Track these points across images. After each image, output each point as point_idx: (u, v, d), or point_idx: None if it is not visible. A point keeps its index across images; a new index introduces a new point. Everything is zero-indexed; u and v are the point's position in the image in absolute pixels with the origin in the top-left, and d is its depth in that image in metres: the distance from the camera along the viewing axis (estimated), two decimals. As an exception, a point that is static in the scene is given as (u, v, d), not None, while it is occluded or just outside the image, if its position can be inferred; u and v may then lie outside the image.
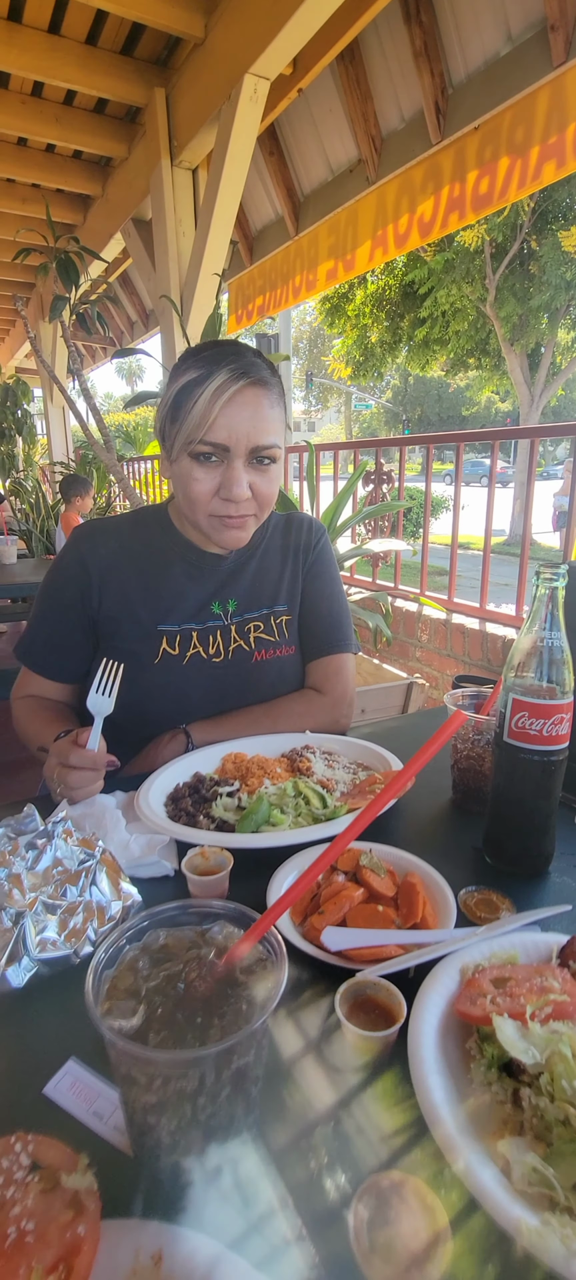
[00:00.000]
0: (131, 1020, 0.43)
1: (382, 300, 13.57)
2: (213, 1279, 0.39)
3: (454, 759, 1.04)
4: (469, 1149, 0.47)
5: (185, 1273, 0.40)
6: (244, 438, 1.05)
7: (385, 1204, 0.42)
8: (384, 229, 3.39)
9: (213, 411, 1.02)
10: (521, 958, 0.67)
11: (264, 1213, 0.43)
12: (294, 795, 0.97)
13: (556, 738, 0.81)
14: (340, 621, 1.31)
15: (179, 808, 0.95)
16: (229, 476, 1.07)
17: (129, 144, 4.20)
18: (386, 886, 0.76)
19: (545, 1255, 0.40)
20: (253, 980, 0.46)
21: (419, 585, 3.41)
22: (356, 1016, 0.59)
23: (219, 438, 1.04)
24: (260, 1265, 0.40)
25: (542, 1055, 0.53)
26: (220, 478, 1.07)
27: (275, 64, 2.78)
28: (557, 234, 11.00)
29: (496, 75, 2.74)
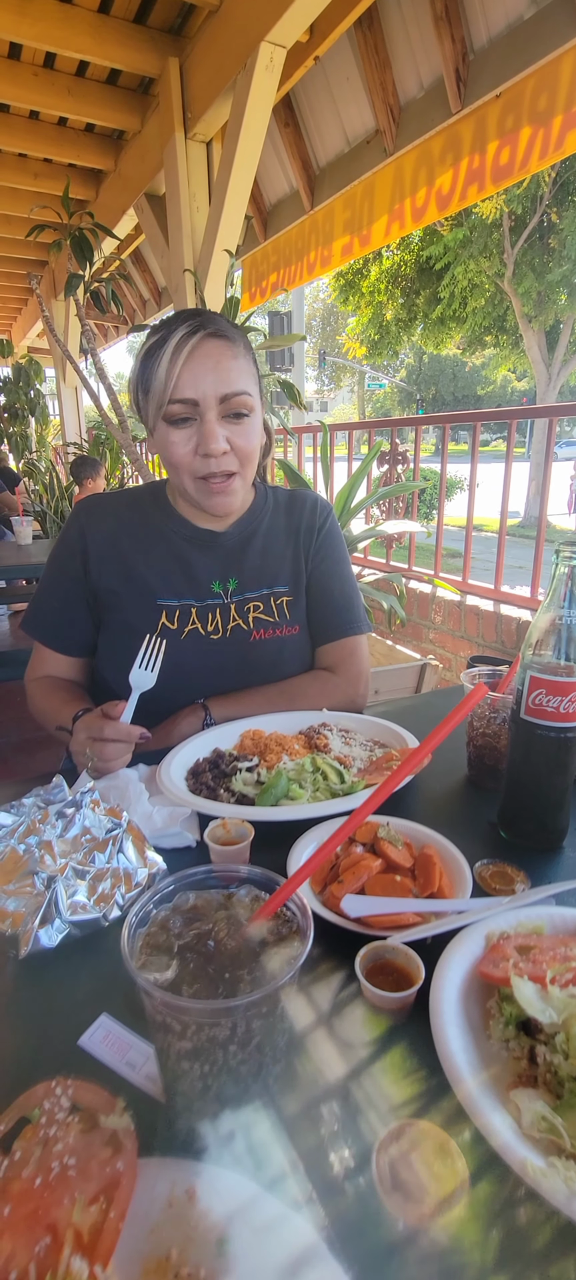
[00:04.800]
0: (166, 973, 0.45)
1: (398, 277, 13.35)
2: (244, 1215, 0.42)
3: (469, 736, 1.06)
4: (483, 1096, 0.49)
5: (217, 1207, 0.42)
6: (211, 388, 1.06)
7: (406, 1147, 0.44)
8: (401, 203, 3.34)
9: (176, 369, 1.04)
10: (548, 929, 0.68)
11: (292, 1155, 0.45)
12: (312, 771, 0.99)
13: (573, 714, 0.82)
14: (352, 603, 1.32)
15: (199, 781, 0.97)
16: (204, 432, 1.07)
17: (142, 116, 4.14)
18: (404, 858, 0.78)
19: (548, 1194, 0.42)
20: (279, 940, 0.48)
21: (433, 567, 3.39)
22: (375, 979, 0.61)
23: (186, 393, 1.05)
24: (289, 1204, 0.42)
25: (560, 1016, 0.54)
26: (196, 437, 1.08)
27: (292, 31, 2.73)
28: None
29: (519, 40, 2.66)
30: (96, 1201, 0.42)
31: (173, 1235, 0.42)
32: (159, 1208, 0.43)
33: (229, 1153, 0.45)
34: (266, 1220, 0.42)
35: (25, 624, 1.26)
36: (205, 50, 3.25)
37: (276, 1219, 0.42)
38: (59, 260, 6.20)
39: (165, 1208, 0.43)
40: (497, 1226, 0.43)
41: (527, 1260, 0.42)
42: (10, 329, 10.41)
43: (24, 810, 0.72)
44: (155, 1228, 0.42)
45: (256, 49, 2.74)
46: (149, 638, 1.04)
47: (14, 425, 8.49)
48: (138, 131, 4.26)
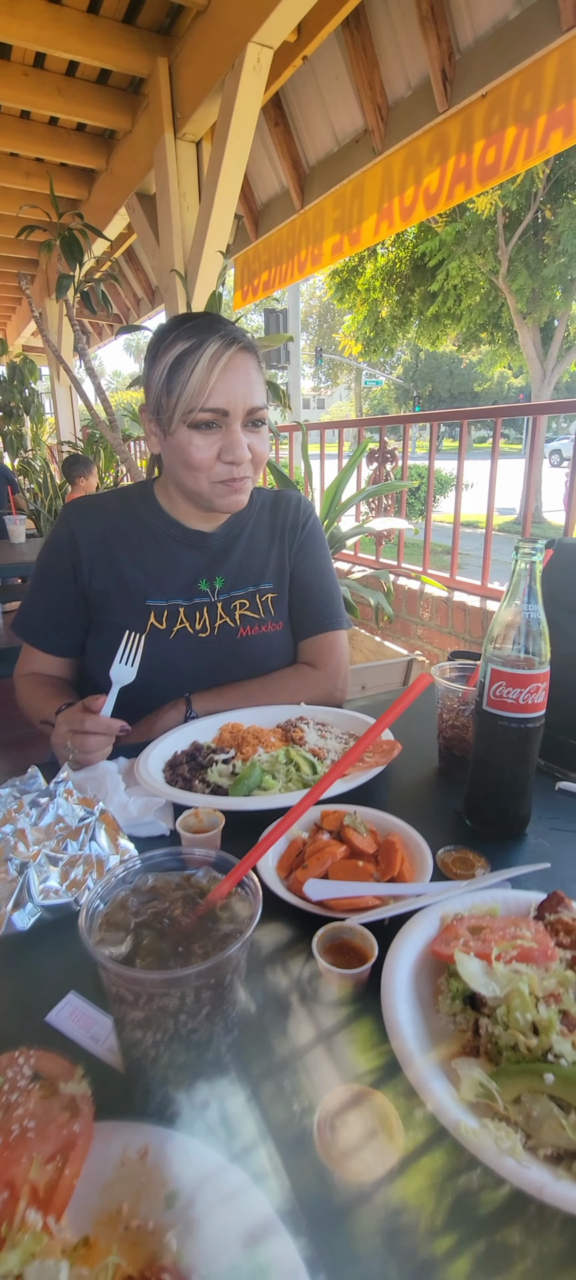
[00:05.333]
0: (120, 948, 0.48)
1: (393, 274, 13.36)
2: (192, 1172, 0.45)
3: (439, 729, 1.08)
4: (426, 1064, 0.52)
5: (167, 1165, 0.45)
6: (241, 401, 1.10)
7: (345, 1109, 0.47)
8: (389, 201, 3.36)
9: (211, 379, 1.07)
10: (501, 911, 0.71)
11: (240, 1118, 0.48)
12: (285, 762, 1.02)
13: (532, 705, 0.85)
14: (331, 598, 1.34)
15: (176, 773, 1.00)
16: (231, 440, 1.11)
17: (132, 116, 4.16)
18: (367, 844, 0.81)
19: (479, 1152, 0.45)
20: (231, 916, 0.51)
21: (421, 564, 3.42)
22: (333, 958, 0.63)
23: (218, 403, 1.09)
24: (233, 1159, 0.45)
25: (502, 991, 0.57)
26: (221, 442, 1.12)
27: (279, 31, 2.75)
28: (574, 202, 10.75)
29: (504, 40, 2.69)
30: (53, 1160, 0.45)
31: (124, 1191, 0.45)
32: (112, 1166, 0.46)
33: (180, 1116, 0.48)
34: (214, 1177, 0.45)
35: (15, 626, 1.29)
36: (193, 50, 3.27)
37: (222, 1174, 0.45)
38: (50, 260, 6.21)
39: (118, 1166, 0.46)
40: (442, 1191, 0.46)
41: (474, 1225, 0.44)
42: (4, 328, 10.40)
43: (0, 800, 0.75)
44: (108, 1184, 0.45)
45: (244, 49, 2.76)
46: (128, 634, 1.07)
47: (9, 424, 8.50)
48: (128, 131, 4.27)
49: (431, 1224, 0.44)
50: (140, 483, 1.36)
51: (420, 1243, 0.43)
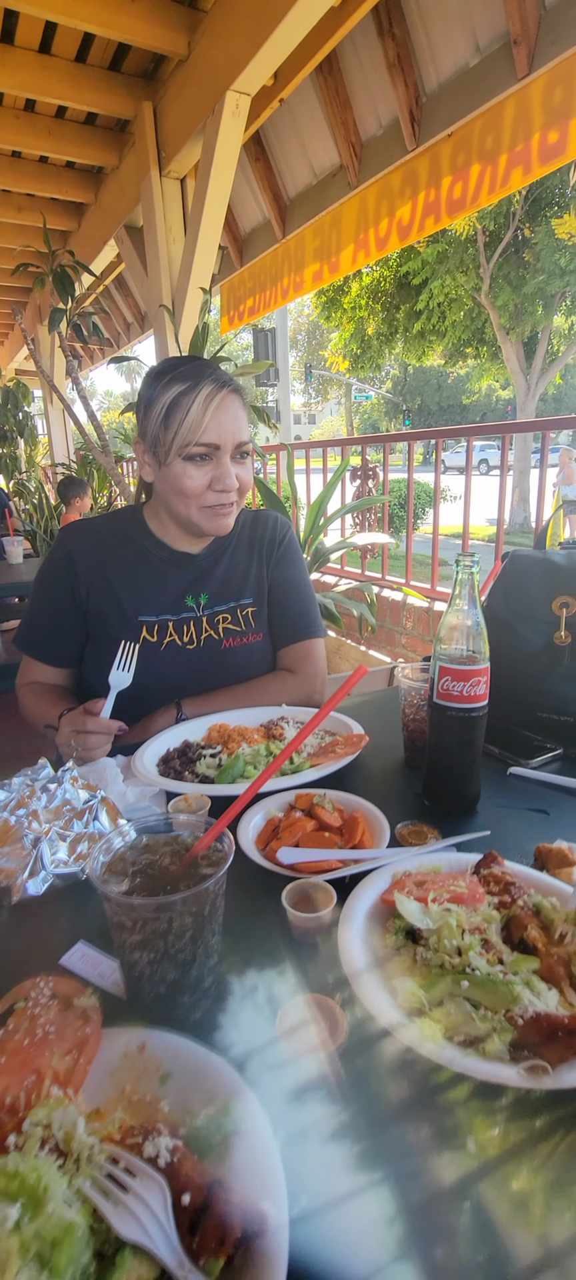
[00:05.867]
0: (120, 886, 0.60)
1: (378, 292, 13.65)
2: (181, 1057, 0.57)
3: (404, 723, 1.21)
4: (370, 981, 0.65)
5: (161, 1054, 0.57)
6: (230, 435, 1.25)
7: (301, 1008, 0.60)
8: (365, 232, 3.54)
9: (206, 417, 1.22)
10: (445, 869, 0.84)
11: (220, 1019, 0.61)
12: (266, 755, 1.14)
13: (475, 697, 0.98)
14: (308, 610, 1.47)
15: (168, 766, 1.13)
16: (222, 471, 1.26)
17: (119, 153, 4.34)
18: (334, 819, 0.94)
19: (405, 1040, 0.58)
20: (209, 864, 0.63)
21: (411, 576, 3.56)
22: (299, 908, 0.76)
23: (211, 438, 1.23)
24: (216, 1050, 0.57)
25: (435, 925, 0.70)
26: (212, 473, 1.26)
27: (255, 80, 2.92)
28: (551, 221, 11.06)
29: (466, 85, 2.87)
30: (70, 1053, 0.57)
31: (127, 1075, 0.57)
32: (117, 1058, 0.58)
33: (171, 1018, 0.60)
34: (198, 1061, 0.57)
35: (18, 641, 1.41)
36: (176, 96, 3.44)
37: (205, 1060, 0.57)
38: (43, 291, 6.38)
39: (122, 1058, 0.58)
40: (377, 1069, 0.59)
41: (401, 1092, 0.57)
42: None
43: (14, 788, 0.87)
44: (114, 1071, 0.57)
45: (223, 97, 2.93)
46: (124, 643, 1.20)
47: (3, 447, 8.64)
48: (116, 167, 4.45)
49: (370, 1091, 0.57)
50: (131, 507, 1.49)
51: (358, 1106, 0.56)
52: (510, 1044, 0.58)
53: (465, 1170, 0.51)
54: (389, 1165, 0.52)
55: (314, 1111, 0.55)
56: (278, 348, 15.23)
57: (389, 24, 2.96)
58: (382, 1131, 0.54)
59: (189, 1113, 0.53)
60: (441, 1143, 0.53)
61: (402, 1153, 0.53)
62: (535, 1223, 0.48)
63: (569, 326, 13.70)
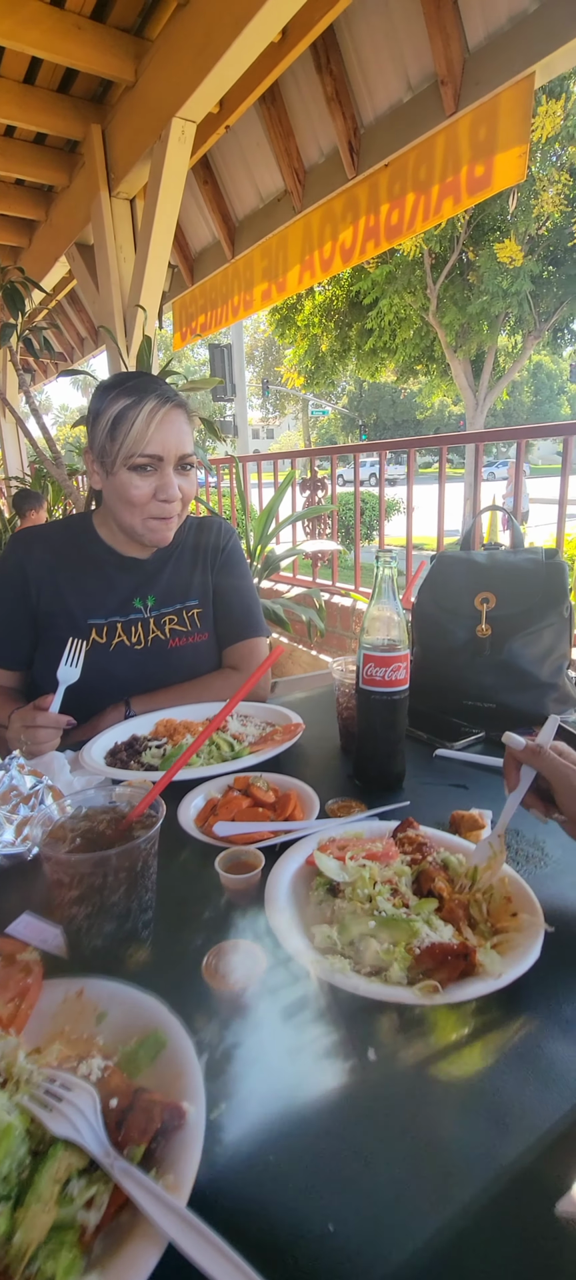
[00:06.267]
0: (60, 848, 0.66)
1: (331, 310, 13.97)
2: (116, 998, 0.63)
3: (338, 711, 1.30)
4: (291, 928, 0.73)
5: (97, 997, 0.64)
6: (173, 448, 1.32)
7: (226, 951, 0.67)
8: (311, 254, 3.68)
9: (149, 430, 1.28)
10: (366, 835, 0.93)
11: (154, 963, 0.67)
12: (208, 744, 1.21)
13: (396, 681, 1.07)
14: (251, 610, 1.56)
15: (115, 758, 1.18)
16: (164, 481, 1.32)
17: (69, 173, 4.38)
18: (268, 797, 1.01)
19: (320, 973, 0.66)
20: (143, 827, 0.70)
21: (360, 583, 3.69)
22: (233, 874, 0.83)
23: (155, 450, 1.30)
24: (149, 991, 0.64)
25: (351, 879, 0.79)
26: (156, 483, 1.33)
27: (201, 108, 3.03)
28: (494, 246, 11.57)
29: (400, 119, 3.05)
30: (12, 1001, 0.63)
31: (66, 1018, 0.63)
32: (57, 1004, 0.64)
33: (108, 967, 0.66)
34: (132, 1001, 0.63)
35: None
36: (124, 120, 3.52)
37: (138, 999, 0.63)
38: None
39: (61, 1003, 0.64)
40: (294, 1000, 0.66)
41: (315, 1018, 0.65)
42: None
43: (-39, 778, 0.91)
44: (54, 1014, 0.63)
45: (169, 123, 3.03)
46: (72, 640, 1.25)
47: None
48: (66, 186, 4.48)
49: (284, 1015, 0.64)
50: (80, 514, 1.55)
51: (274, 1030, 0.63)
52: (408, 970, 0.67)
53: (365, 1075, 0.59)
54: (299, 1074, 0.59)
55: (234, 1033, 0.62)
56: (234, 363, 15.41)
57: (327, 60, 3.12)
58: (294, 1047, 0.62)
59: (122, 1042, 0.59)
60: (345, 1053, 0.61)
61: (311, 1064, 0.60)
62: (425, 1110, 0.56)
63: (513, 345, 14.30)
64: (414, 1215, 0.48)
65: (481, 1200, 0.49)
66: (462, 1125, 0.55)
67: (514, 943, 0.70)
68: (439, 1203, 0.49)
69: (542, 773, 0.80)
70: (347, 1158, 0.52)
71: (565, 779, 0.77)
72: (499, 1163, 0.51)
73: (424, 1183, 0.50)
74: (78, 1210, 0.46)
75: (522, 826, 0.98)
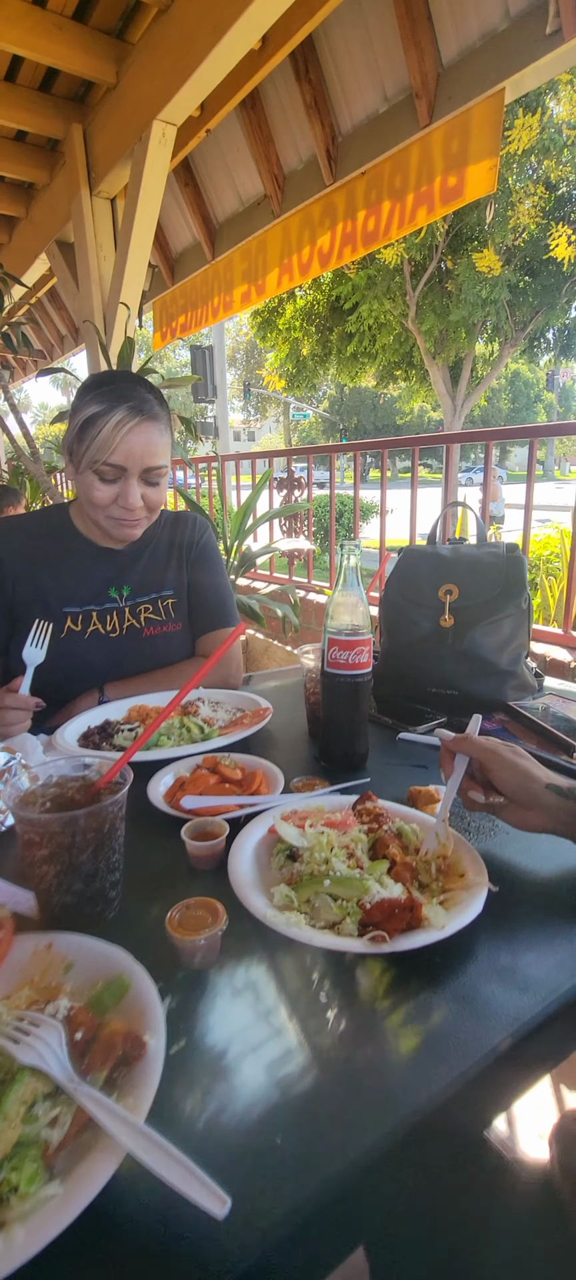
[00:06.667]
0: (32, 810, 0.70)
1: (312, 314, 14.08)
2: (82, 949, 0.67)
3: (306, 697, 1.35)
4: (251, 889, 0.77)
5: (65, 949, 0.67)
6: (138, 460, 1.33)
7: (188, 907, 0.71)
8: (289, 258, 3.74)
9: (114, 441, 1.30)
10: (327, 809, 0.97)
11: (118, 918, 0.71)
12: (179, 727, 1.25)
13: (358, 664, 1.12)
14: (224, 602, 1.60)
15: (88, 740, 1.21)
16: (125, 490, 1.34)
17: (50, 171, 4.38)
18: (235, 774, 1.06)
19: (276, 927, 0.70)
20: (111, 794, 0.74)
21: (332, 581, 3.75)
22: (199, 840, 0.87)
23: (118, 460, 1.32)
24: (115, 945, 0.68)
25: (309, 844, 0.83)
26: (118, 490, 1.35)
27: (181, 112, 3.07)
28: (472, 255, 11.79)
29: (377, 129, 3.13)
30: (-16, 953, 0.66)
31: (35, 969, 0.66)
32: (27, 956, 0.67)
33: (77, 924, 0.70)
34: (99, 951, 0.67)
35: None
36: (105, 120, 3.55)
37: (105, 950, 0.67)
38: (-29, 300, 6.26)
39: (31, 955, 0.68)
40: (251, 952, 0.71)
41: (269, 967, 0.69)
42: None
43: None
44: (24, 966, 0.67)
45: (150, 125, 3.06)
46: (37, 621, 1.28)
47: None
48: (47, 184, 4.49)
49: (242, 964, 0.69)
50: (56, 505, 1.57)
51: (232, 978, 0.67)
52: (359, 923, 0.72)
53: (314, 1015, 0.64)
54: (254, 1014, 0.64)
55: (195, 980, 0.67)
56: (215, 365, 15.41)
57: (305, 69, 3.18)
58: (250, 992, 0.66)
59: (88, 987, 0.63)
60: (297, 997, 0.66)
61: (266, 1007, 0.65)
62: (368, 1043, 0.61)
63: (490, 353, 14.56)
64: (354, 1128, 0.53)
65: (414, 1119, 0.54)
66: (402, 1055, 0.60)
67: (459, 899, 0.76)
68: (377, 1119, 0.54)
69: (473, 755, 0.88)
70: (295, 1081, 0.57)
71: (493, 754, 0.86)
72: (434, 1086, 0.56)
73: (364, 1103, 0.55)
74: (42, 1129, 0.50)
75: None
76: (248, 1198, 0.47)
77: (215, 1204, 0.45)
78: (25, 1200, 0.45)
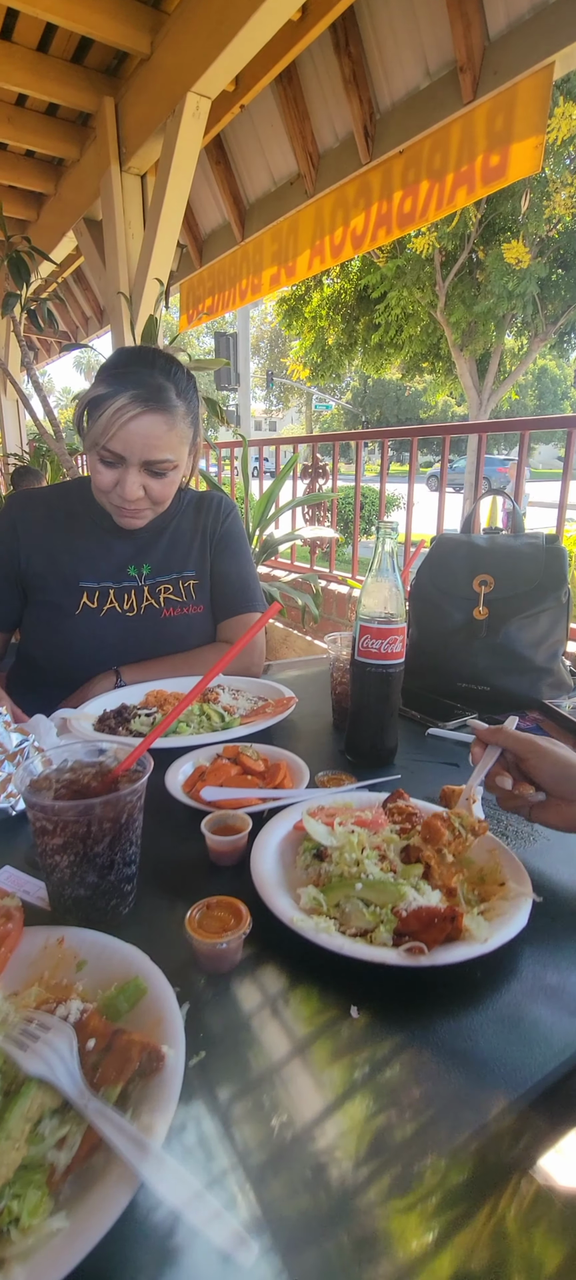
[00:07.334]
0: (44, 796, 0.65)
1: (338, 303, 13.90)
2: (95, 947, 0.62)
3: (332, 687, 1.29)
4: (276, 890, 0.72)
5: (77, 945, 0.63)
6: (138, 452, 1.26)
7: (208, 907, 0.66)
8: (321, 239, 3.65)
9: (112, 428, 1.23)
10: (355, 805, 0.91)
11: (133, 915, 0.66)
12: (198, 714, 1.20)
13: (391, 654, 1.06)
14: (247, 585, 1.54)
15: (104, 724, 1.17)
16: (123, 479, 1.28)
17: (80, 146, 4.34)
18: (257, 765, 1.00)
19: (303, 932, 0.65)
20: (129, 782, 0.69)
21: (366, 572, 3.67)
22: (220, 835, 0.82)
23: (115, 448, 1.25)
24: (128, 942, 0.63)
25: (338, 843, 0.78)
26: (119, 477, 1.29)
27: (216, 84, 3.00)
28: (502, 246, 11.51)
29: (417, 106, 3.02)
30: (-8, 945, 0.62)
31: (46, 965, 0.62)
32: (37, 950, 0.63)
33: (91, 919, 0.65)
34: (113, 950, 0.62)
35: None
36: (138, 93, 3.48)
37: (119, 948, 0.62)
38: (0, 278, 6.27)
39: (42, 950, 0.63)
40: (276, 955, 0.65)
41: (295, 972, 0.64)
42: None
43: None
44: (34, 961, 0.62)
45: (184, 98, 2.99)
46: None
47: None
48: (76, 160, 4.44)
49: (268, 970, 0.63)
50: (78, 479, 1.53)
51: (256, 986, 0.62)
52: (394, 932, 0.66)
53: (347, 1032, 0.58)
54: (280, 1029, 0.58)
55: (216, 985, 0.61)
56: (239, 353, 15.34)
57: (346, 42, 3.09)
58: (276, 1003, 0.61)
59: (102, 988, 0.58)
60: (328, 1010, 0.60)
61: (293, 1019, 0.59)
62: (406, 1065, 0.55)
63: (519, 347, 14.25)
64: (394, 1158, 0.47)
65: (460, 1154, 0.48)
66: (443, 1081, 0.54)
67: (500, 910, 0.70)
68: (417, 1150, 0.48)
69: (509, 747, 0.84)
70: (325, 1108, 0.51)
71: (532, 745, 0.81)
72: (479, 1117, 0.51)
73: (403, 1131, 0.49)
74: (48, 1150, 0.45)
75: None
76: (276, 1245, 0.42)
77: (240, 1249, 0.40)
78: (27, 1234, 0.40)
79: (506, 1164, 0.48)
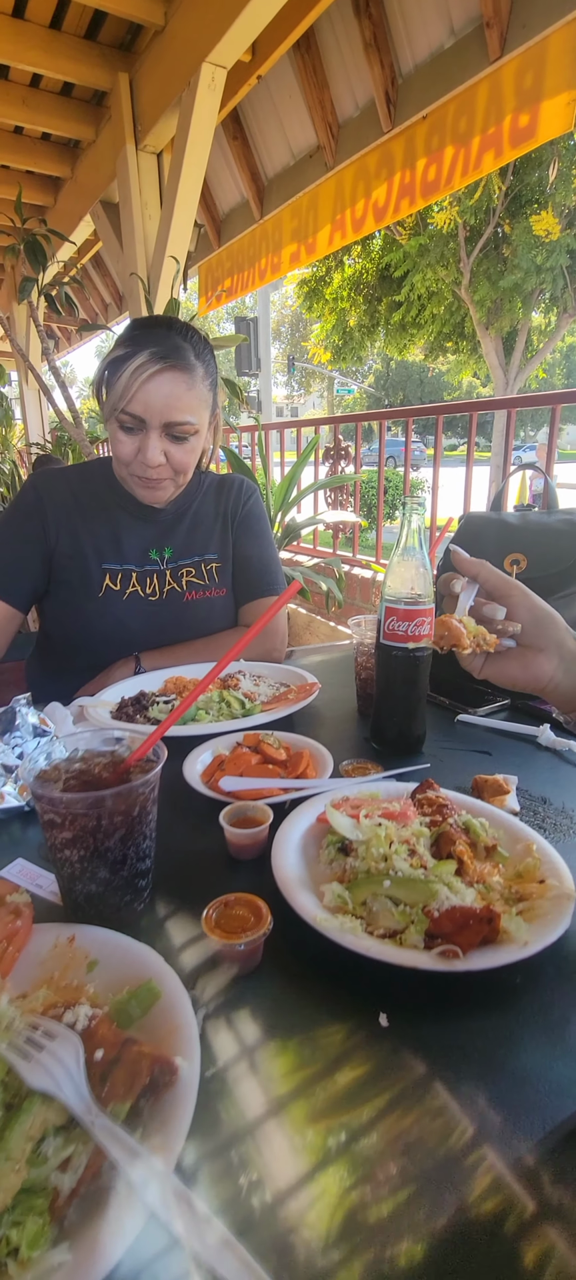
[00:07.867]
0: (52, 788, 0.62)
1: (360, 284, 13.65)
2: (106, 946, 0.59)
3: (356, 671, 1.24)
4: (299, 886, 0.67)
5: (89, 945, 0.59)
6: (158, 413, 1.22)
7: (227, 905, 0.62)
8: (342, 213, 3.55)
9: (132, 388, 1.19)
10: (382, 796, 0.87)
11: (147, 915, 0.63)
12: (218, 701, 1.16)
13: (419, 636, 1.01)
14: (269, 569, 1.49)
15: (122, 712, 1.14)
16: (145, 444, 1.25)
17: (96, 127, 4.29)
18: (279, 754, 0.96)
19: (328, 933, 0.60)
20: (142, 772, 0.65)
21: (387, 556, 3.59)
22: (240, 828, 0.78)
23: (136, 410, 1.22)
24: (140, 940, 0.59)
25: (364, 837, 0.73)
26: (140, 444, 1.25)
27: (231, 53, 2.91)
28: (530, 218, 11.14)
29: (441, 67, 2.90)
30: (1, 943, 0.58)
31: (56, 964, 0.59)
32: (47, 949, 0.60)
33: (103, 916, 0.62)
34: (125, 950, 0.59)
35: None
36: (152, 67, 3.41)
37: (132, 948, 0.59)
38: (16, 264, 6.27)
39: (51, 949, 0.60)
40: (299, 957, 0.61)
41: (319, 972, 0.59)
42: (-28, 333, 10.35)
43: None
44: (44, 960, 0.59)
45: (198, 69, 2.92)
46: None
47: (-24, 428, 8.48)
48: (92, 141, 4.40)
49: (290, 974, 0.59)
50: (100, 459, 1.50)
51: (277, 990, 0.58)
52: (425, 934, 0.61)
53: (375, 1041, 0.54)
54: (303, 1038, 0.54)
55: (235, 990, 0.57)
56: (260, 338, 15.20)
57: (366, 3, 2.97)
58: (298, 1009, 0.57)
59: (113, 992, 0.54)
60: (354, 1018, 0.56)
61: (317, 1027, 0.55)
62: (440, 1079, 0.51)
63: (547, 324, 13.85)
64: (425, 1196, 0.43)
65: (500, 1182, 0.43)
66: (481, 1099, 0.49)
67: (541, 910, 0.64)
68: (456, 1185, 0.43)
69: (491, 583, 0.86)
70: (354, 1126, 0.47)
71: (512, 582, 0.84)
72: (524, 1140, 0.46)
73: (437, 1164, 0.45)
74: (51, 1172, 0.41)
75: (551, 794, 0.92)
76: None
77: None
78: (26, 1269, 0.37)
79: (554, 1196, 0.43)
